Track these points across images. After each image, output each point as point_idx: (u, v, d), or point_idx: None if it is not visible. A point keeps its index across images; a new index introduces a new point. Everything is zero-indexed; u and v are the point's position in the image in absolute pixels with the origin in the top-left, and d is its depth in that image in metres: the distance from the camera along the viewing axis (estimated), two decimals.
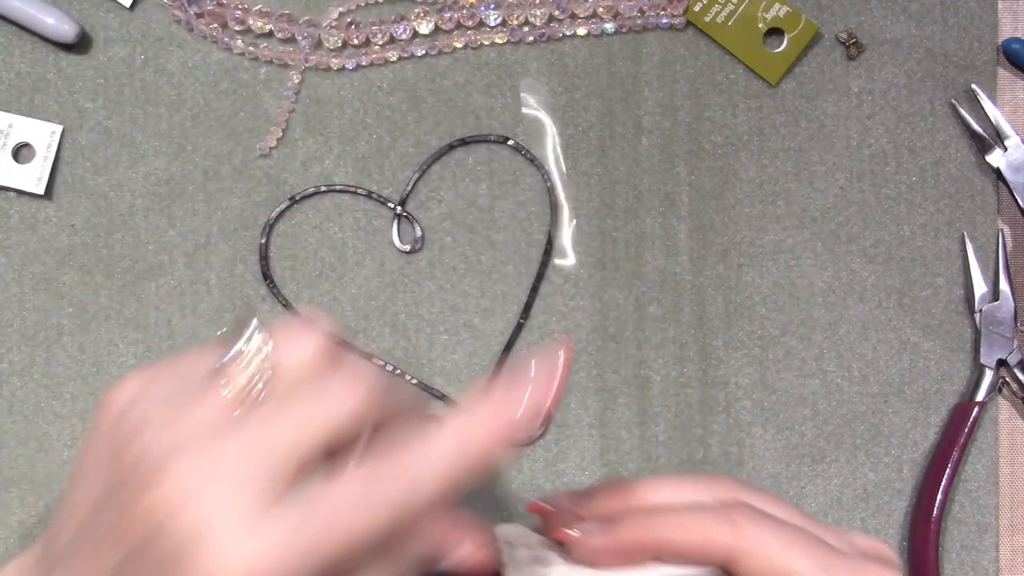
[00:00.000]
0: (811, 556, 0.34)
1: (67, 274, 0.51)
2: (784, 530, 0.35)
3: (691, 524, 0.35)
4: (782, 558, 0.34)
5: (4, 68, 0.51)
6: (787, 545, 0.34)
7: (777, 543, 0.34)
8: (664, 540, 0.35)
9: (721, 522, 0.34)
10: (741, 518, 0.35)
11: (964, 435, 0.51)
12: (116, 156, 0.52)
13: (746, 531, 0.34)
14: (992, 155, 0.53)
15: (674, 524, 0.35)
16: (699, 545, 0.34)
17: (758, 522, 0.35)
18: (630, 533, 0.35)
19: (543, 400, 0.33)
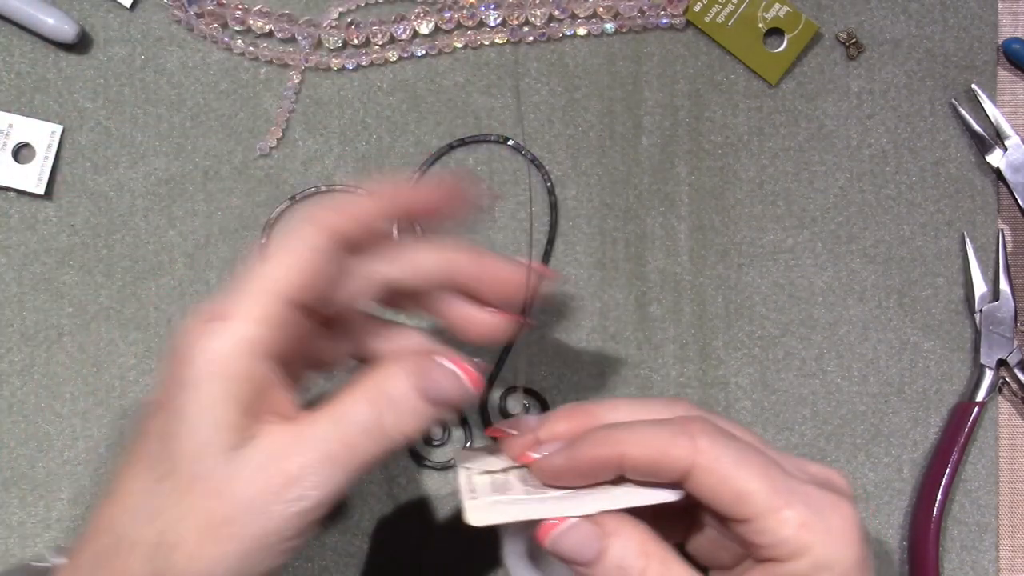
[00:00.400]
0: (764, 477, 0.34)
1: (67, 274, 0.51)
2: (740, 448, 0.34)
3: (649, 438, 0.35)
4: (735, 476, 0.34)
5: (4, 68, 0.51)
6: (741, 463, 0.34)
7: (732, 460, 0.34)
8: (623, 455, 0.35)
9: (679, 436, 0.34)
10: (699, 432, 0.34)
11: (964, 435, 0.51)
12: (116, 156, 0.52)
13: (702, 446, 0.34)
14: (992, 155, 0.53)
15: (632, 439, 0.35)
16: (657, 459, 0.34)
17: (715, 438, 0.34)
18: (590, 450, 0.35)
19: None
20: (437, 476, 0.51)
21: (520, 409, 0.52)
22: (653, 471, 0.35)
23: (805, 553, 0.34)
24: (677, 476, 0.34)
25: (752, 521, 0.34)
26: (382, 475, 0.51)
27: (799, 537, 0.34)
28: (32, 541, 0.50)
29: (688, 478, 0.34)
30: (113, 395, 0.51)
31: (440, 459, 0.51)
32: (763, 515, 0.34)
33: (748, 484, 0.34)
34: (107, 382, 0.51)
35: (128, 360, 0.51)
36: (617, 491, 0.36)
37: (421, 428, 0.35)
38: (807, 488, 0.35)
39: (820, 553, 0.34)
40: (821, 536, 0.34)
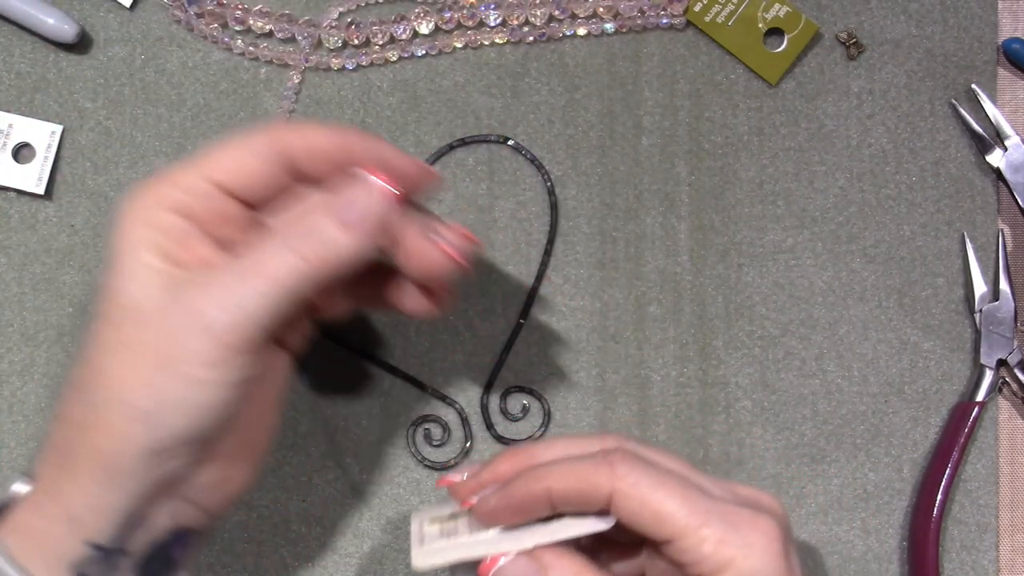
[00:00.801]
0: (682, 498, 0.36)
1: (67, 274, 0.51)
2: (658, 473, 0.37)
3: (572, 471, 0.37)
4: (653, 498, 0.36)
5: (4, 68, 0.51)
6: (659, 486, 0.36)
7: (649, 484, 0.36)
8: (549, 488, 0.37)
9: (599, 466, 0.37)
10: (618, 461, 0.37)
11: (964, 435, 0.51)
12: (116, 156, 0.52)
13: (620, 472, 0.36)
14: (992, 155, 0.53)
15: (556, 473, 0.37)
16: (581, 489, 0.37)
17: (633, 465, 0.37)
18: (521, 488, 0.37)
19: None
20: (437, 476, 0.51)
21: (520, 409, 0.52)
22: (579, 501, 0.37)
23: (727, 568, 0.36)
24: (602, 503, 0.37)
25: (674, 541, 0.36)
26: (382, 475, 0.51)
27: (718, 553, 0.35)
28: None
29: (612, 505, 0.36)
30: None
31: (440, 459, 0.51)
32: (683, 534, 0.36)
33: (665, 505, 0.36)
34: None
35: None
36: (553, 525, 0.38)
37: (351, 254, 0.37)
38: (724, 507, 0.36)
39: (742, 567, 0.36)
40: (741, 551, 0.36)
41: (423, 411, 0.51)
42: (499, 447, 0.52)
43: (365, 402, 0.51)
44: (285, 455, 0.51)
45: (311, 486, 0.51)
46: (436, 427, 0.51)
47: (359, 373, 0.52)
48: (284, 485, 0.51)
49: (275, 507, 0.51)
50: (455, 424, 0.52)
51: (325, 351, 0.51)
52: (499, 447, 0.52)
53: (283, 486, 0.51)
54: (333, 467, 0.51)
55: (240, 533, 0.51)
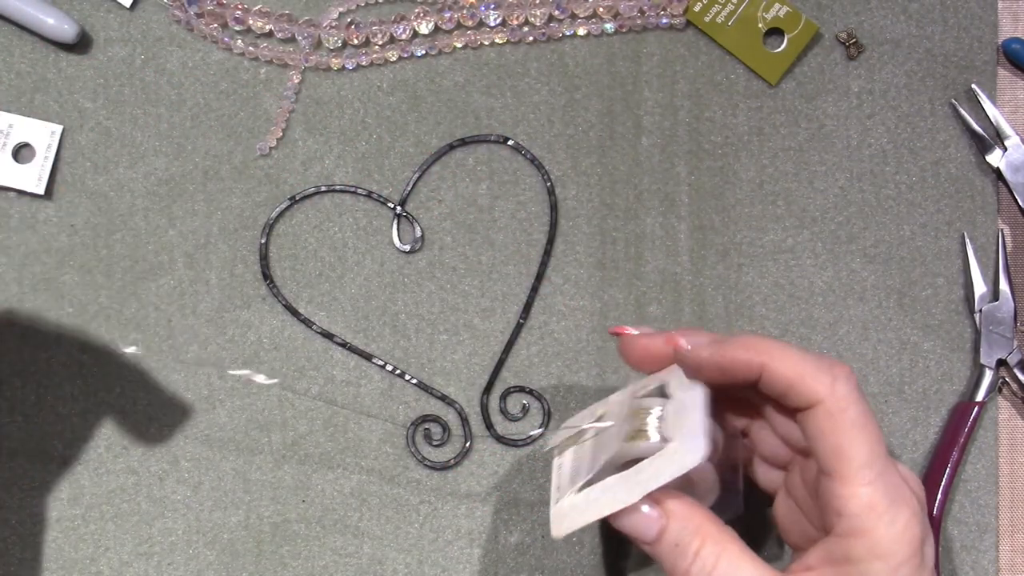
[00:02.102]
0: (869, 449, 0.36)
1: (67, 274, 0.51)
2: (867, 413, 0.36)
3: (796, 360, 0.37)
4: (847, 432, 0.36)
5: (4, 68, 0.51)
6: (859, 425, 0.36)
7: (853, 417, 0.36)
8: (766, 365, 0.37)
9: (823, 371, 0.36)
10: (842, 377, 0.36)
11: (964, 435, 0.51)
12: (116, 156, 0.52)
13: (839, 391, 0.36)
14: (992, 155, 0.53)
15: (780, 354, 0.37)
16: (794, 382, 0.36)
17: (853, 390, 0.36)
18: (738, 350, 0.38)
19: None
20: (437, 476, 0.51)
21: (520, 409, 0.52)
22: (785, 391, 0.37)
23: (866, 534, 0.35)
24: (803, 404, 0.37)
25: (834, 480, 0.36)
26: (382, 475, 0.51)
27: (864, 516, 0.35)
28: (32, 541, 0.50)
29: (809, 412, 0.36)
30: (113, 395, 0.51)
31: (440, 459, 0.51)
32: (846, 481, 0.36)
33: (852, 446, 0.36)
34: (107, 383, 0.51)
35: (128, 360, 0.51)
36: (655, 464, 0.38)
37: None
38: (897, 481, 0.36)
39: (879, 540, 0.35)
40: (885, 525, 0.35)
41: (423, 411, 0.52)
42: (499, 447, 0.52)
43: (365, 402, 0.51)
44: (285, 455, 0.51)
45: (311, 486, 0.51)
46: (436, 427, 0.51)
47: (359, 373, 0.52)
48: (284, 485, 0.51)
49: (275, 507, 0.51)
50: (455, 424, 0.52)
51: (325, 351, 0.51)
52: (499, 447, 0.52)
53: (283, 486, 0.51)
54: (333, 467, 0.51)
55: (240, 533, 0.51)
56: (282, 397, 0.51)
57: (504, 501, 0.51)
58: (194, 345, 0.51)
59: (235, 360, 0.51)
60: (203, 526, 0.51)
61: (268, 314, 0.51)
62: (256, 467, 0.51)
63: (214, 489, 0.51)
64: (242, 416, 0.51)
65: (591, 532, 0.51)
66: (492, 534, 0.51)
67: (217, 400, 0.51)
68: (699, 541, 0.37)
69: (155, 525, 0.51)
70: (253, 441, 0.51)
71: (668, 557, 0.38)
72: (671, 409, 0.39)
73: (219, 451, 0.51)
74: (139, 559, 0.50)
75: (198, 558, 0.51)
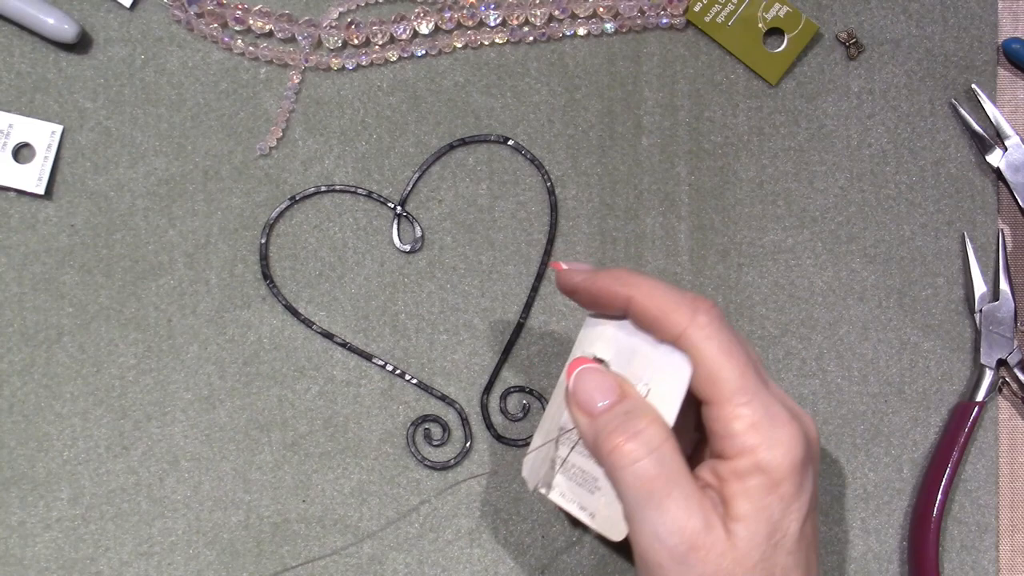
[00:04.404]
0: (741, 373, 0.37)
1: (67, 274, 0.51)
2: (733, 341, 0.38)
3: (662, 295, 0.39)
4: (715, 359, 0.37)
5: (4, 68, 0.51)
6: (726, 352, 0.37)
7: (719, 344, 0.37)
8: (632, 299, 0.39)
9: (684, 304, 0.38)
10: (703, 310, 0.38)
11: (964, 435, 0.51)
12: (116, 156, 0.52)
13: (700, 321, 0.38)
14: (992, 155, 0.53)
15: (648, 289, 0.39)
16: (658, 316, 0.38)
17: (714, 321, 0.38)
18: (608, 281, 0.40)
19: None
20: (437, 476, 0.51)
21: (520, 409, 0.52)
22: (651, 322, 0.39)
23: (748, 453, 0.37)
24: (669, 335, 0.38)
25: (713, 406, 0.37)
26: (382, 475, 0.51)
27: (746, 435, 0.37)
28: (32, 541, 0.50)
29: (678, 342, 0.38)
30: (113, 395, 0.51)
31: (440, 459, 0.51)
32: (723, 403, 0.37)
33: (722, 371, 0.37)
34: (107, 382, 0.51)
35: (128, 360, 0.51)
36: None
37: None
38: (770, 400, 0.37)
39: (762, 456, 0.37)
40: (766, 442, 0.37)
41: (423, 411, 0.52)
42: (499, 447, 0.52)
43: (365, 402, 0.51)
44: (285, 455, 0.51)
45: (311, 486, 0.51)
46: (436, 427, 0.51)
47: (359, 373, 0.52)
48: (284, 485, 0.51)
49: (275, 507, 0.51)
50: (455, 424, 0.52)
51: (325, 351, 0.51)
52: (499, 447, 0.52)
53: (283, 486, 0.51)
54: (333, 467, 0.51)
55: (240, 533, 0.51)
56: (282, 397, 0.51)
57: (504, 501, 0.51)
58: (194, 345, 0.51)
59: (235, 360, 0.51)
60: (203, 526, 0.51)
61: (268, 314, 0.51)
62: (256, 467, 0.51)
63: (214, 489, 0.51)
64: (242, 416, 0.51)
65: (591, 532, 0.51)
66: (492, 534, 0.51)
67: (217, 400, 0.51)
68: (648, 422, 0.38)
69: (155, 525, 0.51)
70: (253, 441, 0.51)
71: (609, 425, 0.38)
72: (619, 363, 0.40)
73: (219, 451, 0.51)
74: (139, 559, 0.50)
75: (198, 558, 0.51)
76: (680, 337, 0.38)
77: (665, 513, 0.36)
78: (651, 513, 0.37)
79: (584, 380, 0.39)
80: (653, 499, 0.37)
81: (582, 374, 0.40)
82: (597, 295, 0.40)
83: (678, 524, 0.36)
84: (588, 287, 0.41)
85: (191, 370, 0.51)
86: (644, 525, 0.37)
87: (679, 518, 0.36)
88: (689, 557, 0.36)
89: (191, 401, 0.51)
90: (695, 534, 0.36)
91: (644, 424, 0.38)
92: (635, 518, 0.37)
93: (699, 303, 0.38)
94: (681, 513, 0.36)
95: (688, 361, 0.38)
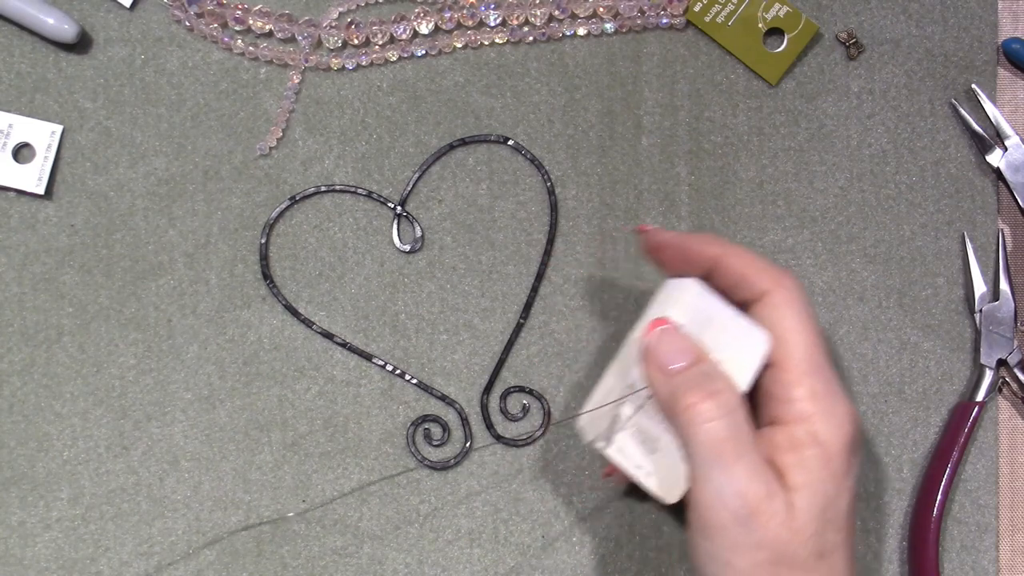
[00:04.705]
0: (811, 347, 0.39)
1: (67, 274, 0.51)
2: (812, 317, 0.39)
3: (749, 259, 0.40)
4: (792, 326, 0.39)
5: (4, 68, 0.51)
6: (804, 323, 0.39)
7: (798, 314, 0.39)
8: (721, 259, 0.40)
9: (773, 270, 0.40)
10: (790, 281, 0.40)
11: (964, 435, 0.51)
12: (116, 156, 0.52)
13: (786, 283, 0.39)
14: (992, 155, 0.53)
15: (736, 252, 0.41)
16: (745, 274, 0.40)
17: (799, 293, 0.40)
18: (698, 241, 0.41)
19: None
20: (437, 476, 0.51)
21: (520, 409, 0.52)
22: (737, 282, 0.40)
23: (804, 421, 0.38)
24: (751, 296, 0.40)
25: (778, 370, 0.39)
26: (382, 475, 0.51)
27: (805, 404, 0.38)
28: (32, 541, 0.50)
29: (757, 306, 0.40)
30: (113, 395, 0.51)
31: (440, 459, 0.51)
32: (789, 369, 0.38)
33: (796, 337, 0.39)
34: (107, 382, 0.51)
35: (128, 360, 0.51)
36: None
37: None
38: (833, 377, 0.39)
39: (818, 427, 0.38)
40: (824, 414, 0.38)
41: (423, 411, 0.52)
42: (499, 447, 0.52)
43: (365, 402, 0.51)
44: (285, 455, 0.51)
45: (311, 486, 0.51)
46: (436, 427, 0.51)
47: (359, 373, 0.52)
48: (284, 485, 0.51)
49: (275, 507, 0.51)
50: (455, 424, 0.52)
51: (325, 351, 0.51)
52: (499, 447, 0.52)
53: (283, 486, 0.51)
54: (333, 467, 0.51)
55: (240, 533, 0.51)
56: (282, 397, 0.51)
57: (504, 501, 0.51)
58: (194, 345, 0.51)
59: (235, 360, 0.51)
60: (203, 526, 0.51)
61: (268, 314, 0.51)
62: (256, 467, 0.51)
63: (214, 489, 0.51)
64: (242, 416, 0.51)
65: (591, 532, 0.51)
66: (492, 534, 0.51)
67: (217, 400, 0.51)
68: (725, 385, 0.38)
69: (155, 525, 0.51)
70: (253, 441, 0.51)
71: (686, 383, 0.38)
72: (693, 328, 0.40)
73: (219, 451, 0.51)
74: (139, 559, 0.50)
75: (198, 558, 0.51)
76: (763, 297, 0.39)
77: (732, 476, 0.37)
78: (718, 474, 0.37)
79: (664, 340, 0.40)
80: (721, 460, 0.37)
81: (662, 334, 0.40)
82: (686, 252, 0.41)
83: (743, 488, 0.37)
84: (677, 244, 0.42)
85: (191, 370, 0.51)
86: (709, 485, 0.37)
87: (744, 482, 0.37)
88: (751, 521, 0.37)
89: (191, 401, 0.51)
90: (758, 500, 0.37)
91: (721, 386, 0.38)
92: (700, 477, 0.38)
93: (786, 272, 0.40)
94: (746, 478, 0.37)
95: (767, 336, 0.39)
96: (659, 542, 0.51)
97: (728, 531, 0.37)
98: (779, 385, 0.39)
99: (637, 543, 0.51)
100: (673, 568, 0.51)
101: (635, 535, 0.51)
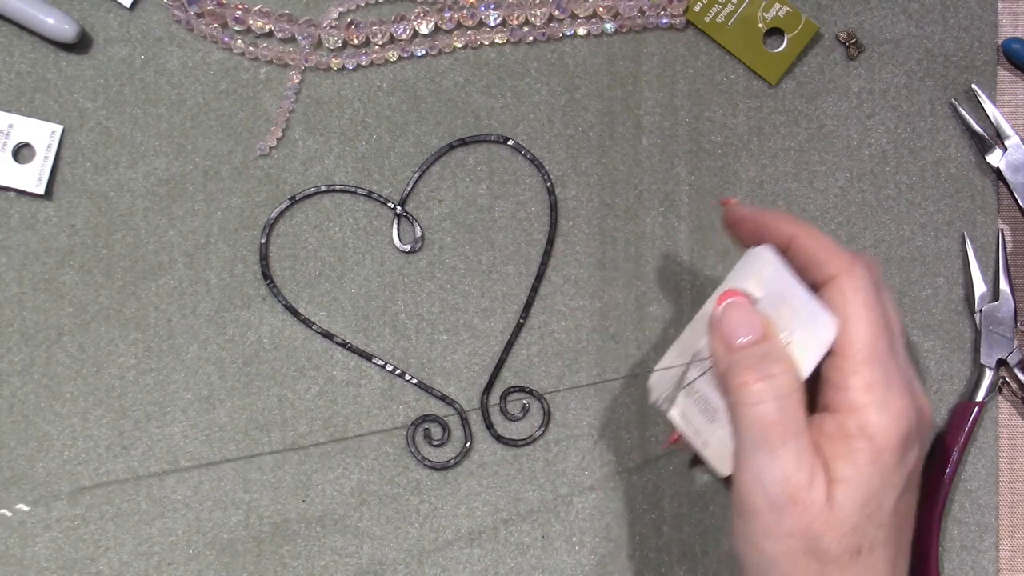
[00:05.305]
0: (875, 335, 0.37)
1: (67, 274, 0.51)
2: (881, 304, 0.38)
3: (823, 240, 0.39)
4: (857, 312, 0.38)
5: (4, 68, 0.51)
6: (872, 309, 0.38)
7: (866, 299, 0.38)
8: (796, 237, 0.40)
9: (845, 253, 0.39)
10: (861, 264, 0.39)
11: (964, 435, 0.51)
12: (116, 156, 0.52)
13: (857, 271, 0.38)
14: (992, 155, 0.53)
15: (810, 232, 0.40)
16: (816, 255, 0.39)
17: (869, 276, 0.38)
18: (775, 217, 0.41)
19: None
20: (437, 476, 0.51)
21: (520, 409, 0.52)
22: (809, 262, 0.39)
23: (857, 411, 0.37)
24: (821, 277, 0.39)
25: (838, 356, 0.38)
26: (382, 476, 0.51)
27: (859, 393, 0.37)
28: (32, 541, 0.50)
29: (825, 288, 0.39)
30: (113, 395, 0.51)
31: (440, 459, 0.51)
32: (850, 355, 0.37)
33: (859, 323, 0.37)
34: (107, 382, 0.51)
35: (128, 360, 0.51)
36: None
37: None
38: (894, 369, 0.38)
39: (870, 419, 0.37)
40: (878, 406, 0.37)
41: (423, 411, 0.52)
42: (499, 447, 0.52)
43: (365, 402, 0.51)
44: (285, 455, 0.51)
45: (311, 486, 0.51)
46: (436, 427, 0.51)
47: (359, 373, 0.52)
48: (284, 485, 0.51)
49: (275, 507, 0.51)
50: (455, 424, 0.52)
51: (325, 351, 0.51)
52: (499, 447, 0.52)
53: (283, 486, 0.51)
54: (333, 467, 0.51)
55: (240, 533, 0.51)
56: (282, 397, 0.51)
57: (504, 501, 0.51)
58: (194, 345, 0.51)
59: (235, 360, 0.51)
60: (203, 526, 0.51)
61: (268, 314, 0.51)
62: (256, 467, 0.51)
63: (214, 489, 0.51)
64: (242, 416, 0.51)
65: (591, 532, 0.51)
66: (492, 534, 0.51)
67: (217, 400, 0.51)
68: (782, 369, 0.38)
69: (155, 525, 0.51)
70: (253, 441, 0.51)
71: (744, 361, 0.38)
72: (767, 305, 0.40)
73: (219, 451, 0.51)
74: (139, 559, 0.50)
75: (198, 558, 0.51)
76: (833, 280, 0.38)
77: (775, 460, 0.37)
78: (761, 456, 0.37)
79: (731, 312, 0.39)
80: (767, 444, 0.37)
81: (731, 307, 0.39)
82: (762, 228, 0.41)
83: (784, 474, 0.36)
84: (755, 220, 0.41)
85: (191, 370, 0.51)
86: (751, 466, 0.37)
87: (787, 468, 0.36)
88: (787, 509, 0.36)
89: (191, 401, 0.51)
90: (798, 488, 0.36)
91: (778, 370, 0.38)
92: (744, 457, 0.37)
93: (862, 257, 0.39)
94: (790, 464, 0.36)
95: (835, 323, 0.38)
96: (659, 542, 0.51)
97: (763, 515, 0.37)
98: (837, 372, 0.38)
99: (637, 543, 0.51)
100: (673, 568, 0.51)
101: (635, 535, 0.51)
